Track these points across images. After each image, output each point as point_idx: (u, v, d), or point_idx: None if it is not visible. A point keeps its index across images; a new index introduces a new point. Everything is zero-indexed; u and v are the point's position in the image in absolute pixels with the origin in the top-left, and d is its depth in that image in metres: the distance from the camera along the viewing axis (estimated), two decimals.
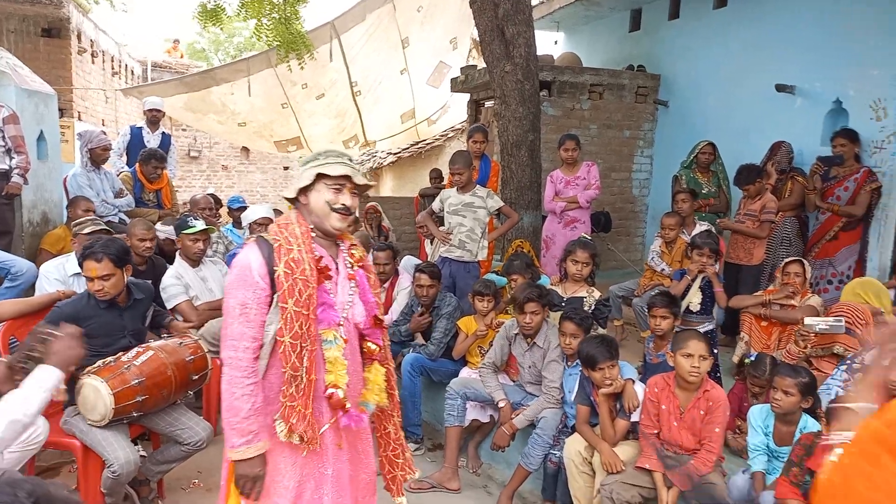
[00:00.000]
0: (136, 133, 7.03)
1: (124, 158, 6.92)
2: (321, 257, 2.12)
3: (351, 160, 2.15)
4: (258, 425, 2.02)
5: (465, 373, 4.28)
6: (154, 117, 7.05)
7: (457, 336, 4.42)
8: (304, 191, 2.11)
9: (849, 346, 3.61)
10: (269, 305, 2.04)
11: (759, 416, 3.01)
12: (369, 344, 2.27)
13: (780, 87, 6.06)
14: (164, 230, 4.97)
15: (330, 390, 2.10)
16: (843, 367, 3.34)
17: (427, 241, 6.38)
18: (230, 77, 9.70)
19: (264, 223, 5.20)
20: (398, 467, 2.39)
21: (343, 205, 2.10)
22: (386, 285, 5.28)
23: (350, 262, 2.23)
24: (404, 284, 5.13)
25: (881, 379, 1.34)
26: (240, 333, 2.00)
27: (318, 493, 2.15)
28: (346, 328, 2.18)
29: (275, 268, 2.02)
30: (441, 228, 5.22)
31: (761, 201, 4.97)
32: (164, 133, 7.18)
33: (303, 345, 2.02)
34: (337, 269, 2.18)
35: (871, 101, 5.36)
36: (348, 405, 2.15)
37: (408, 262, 5.81)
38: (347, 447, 2.23)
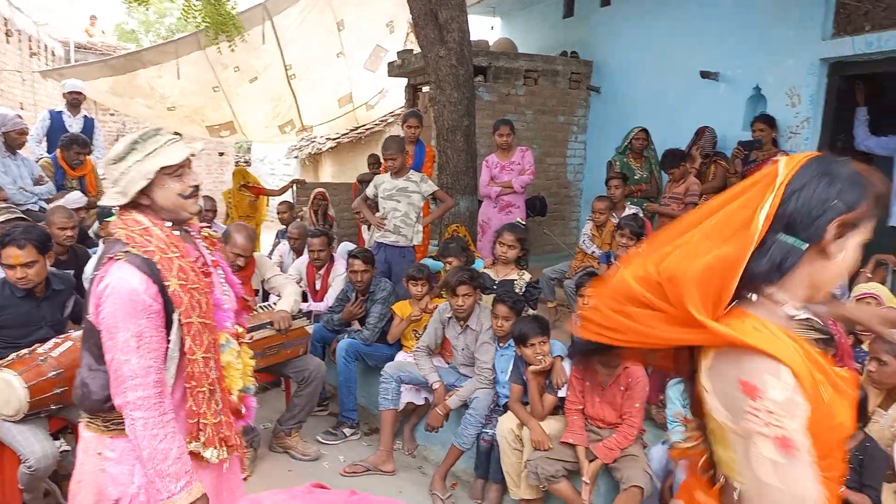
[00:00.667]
0: (56, 118, 6.69)
1: (44, 145, 6.59)
2: (198, 256, 1.94)
3: (171, 133, 1.90)
4: (189, 462, 1.80)
5: (400, 357, 4.31)
6: (75, 100, 6.74)
7: (392, 321, 4.44)
8: (143, 191, 1.81)
9: None
10: (165, 326, 1.81)
11: (677, 389, 3.15)
12: (237, 327, 2.09)
13: (705, 74, 6.27)
14: (67, 200, 4.84)
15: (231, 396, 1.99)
16: None
17: (364, 228, 6.36)
18: (158, 60, 9.33)
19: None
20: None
21: (194, 186, 1.87)
22: (322, 272, 5.25)
23: (208, 249, 2.03)
24: (340, 270, 5.11)
25: None
26: (144, 368, 1.74)
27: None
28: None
29: (166, 283, 1.78)
30: (376, 214, 5.22)
31: (685, 184, 5.17)
32: (86, 117, 6.87)
33: (212, 356, 1.89)
34: (206, 262, 1.98)
35: (786, 88, 5.61)
36: (244, 410, 2.07)
37: (344, 249, 5.79)
38: None
